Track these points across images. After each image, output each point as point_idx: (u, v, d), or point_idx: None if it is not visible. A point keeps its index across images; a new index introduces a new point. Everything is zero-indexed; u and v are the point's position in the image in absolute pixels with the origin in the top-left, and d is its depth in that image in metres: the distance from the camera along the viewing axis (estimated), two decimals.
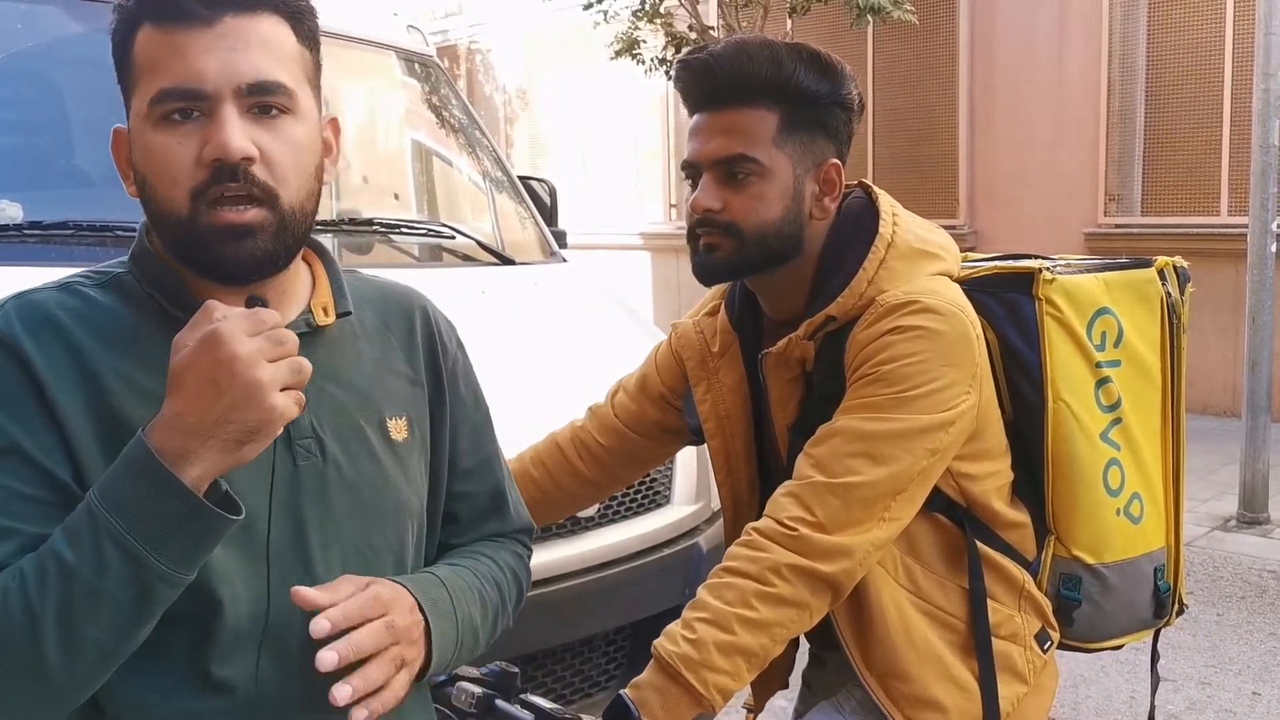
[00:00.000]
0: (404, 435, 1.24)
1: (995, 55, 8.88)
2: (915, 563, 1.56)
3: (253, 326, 0.99)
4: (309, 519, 1.15)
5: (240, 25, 1.08)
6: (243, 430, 0.98)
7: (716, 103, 1.53)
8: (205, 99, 1.06)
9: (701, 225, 1.54)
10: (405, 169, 4.25)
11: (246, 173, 1.06)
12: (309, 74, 1.15)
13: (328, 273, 1.24)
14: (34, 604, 0.96)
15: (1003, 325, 1.58)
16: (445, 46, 12.73)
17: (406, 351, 1.28)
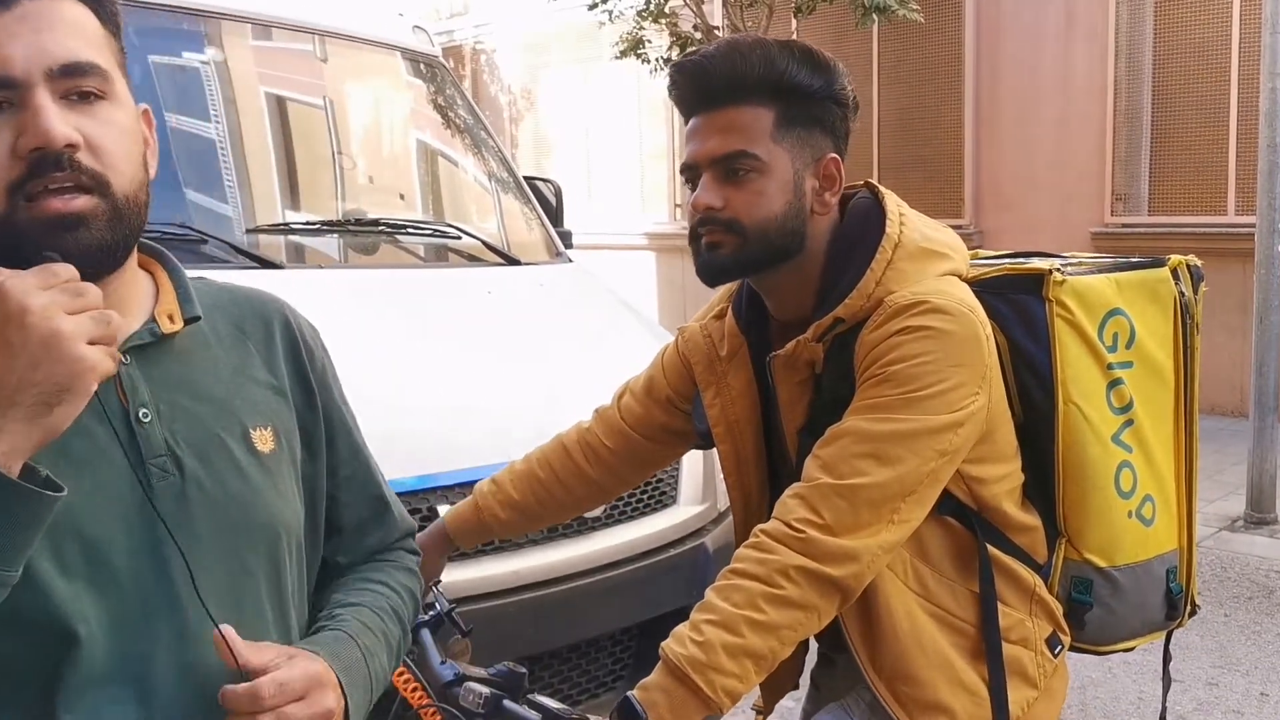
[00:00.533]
0: (270, 446, 1.15)
1: (1001, 54, 8.87)
2: (925, 566, 1.55)
3: (43, 281, 0.90)
4: (167, 546, 1.04)
5: (40, 8, 0.99)
6: (48, 390, 0.89)
7: (712, 103, 1.53)
8: (14, 87, 0.97)
9: (703, 224, 1.53)
10: (411, 169, 4.24)
11: (72, 160, 0.97)
12: (119, 60, 1.06)
13: (172, 279, 1.15)
14: None
15: (1012, 327, 1.57)
16: (450, 47, 12.74)
17: (266, 358, 1.21)
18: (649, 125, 11.49)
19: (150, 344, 1.09)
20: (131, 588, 1.03)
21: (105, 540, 1.02)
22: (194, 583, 1.04)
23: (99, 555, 1.01)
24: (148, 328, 1.10)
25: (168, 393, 1.09)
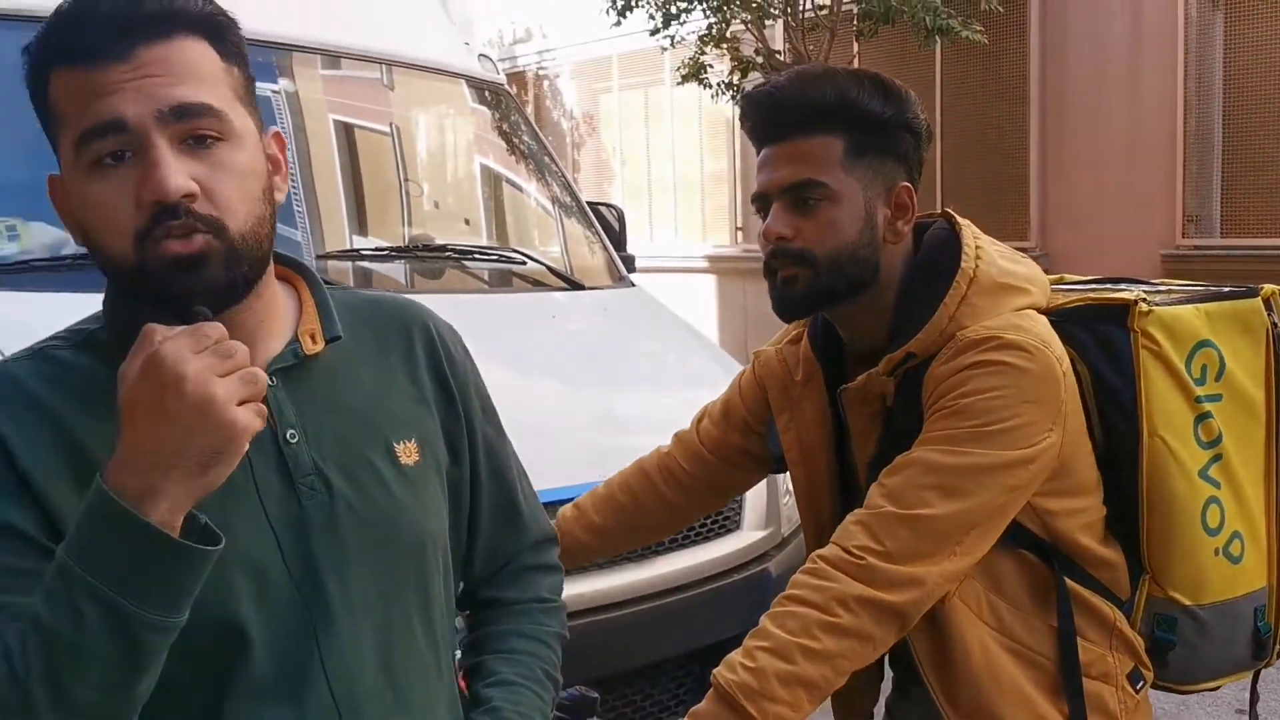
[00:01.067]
0: (415, 458, 1.17)
1: (1067, 74, 8.77)
2: (1001, 600, 1.52)
3: (196, 343, 0.93)
4: (322, 561, 1.09)
5: (155, 54, 1.00)
6: (205, 454, 0.92)
7: (782, 133, 1.53)
8: (129, 131, 0.99)
9: (776, 257, 1.53)
10: (475, 195, 4.30)
11: (188, 210, 1.00)
12: (239, 92, 1.07)
13: (315, 296, 1.18)
14: (19, 673, 0.92)
15: (1095, 358, 1.54)
16: (514, 72, 12.88)
17: (408, 369, 1.22)
18: (710, 149, 11.50)
19: (294, 365, 1.12)
20: (288, 605, 1.07)
21: (262, 559, 1.06)
22: (346, 598, 1.08)
23: (258, 574, 1.05)
24: (290, 349, 1.12)
25: (313, 412, 1.12)
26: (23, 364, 1.08)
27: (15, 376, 1.06)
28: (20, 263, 2.56)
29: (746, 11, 8.51)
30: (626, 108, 12.29)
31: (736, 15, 8.64)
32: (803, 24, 8.29)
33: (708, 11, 8.68)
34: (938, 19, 7.72)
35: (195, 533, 0.95)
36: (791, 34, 8.39)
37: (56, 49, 1.01)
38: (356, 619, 1.10)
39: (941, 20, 7.72)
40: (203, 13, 1.05)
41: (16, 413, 1.03)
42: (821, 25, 8.24)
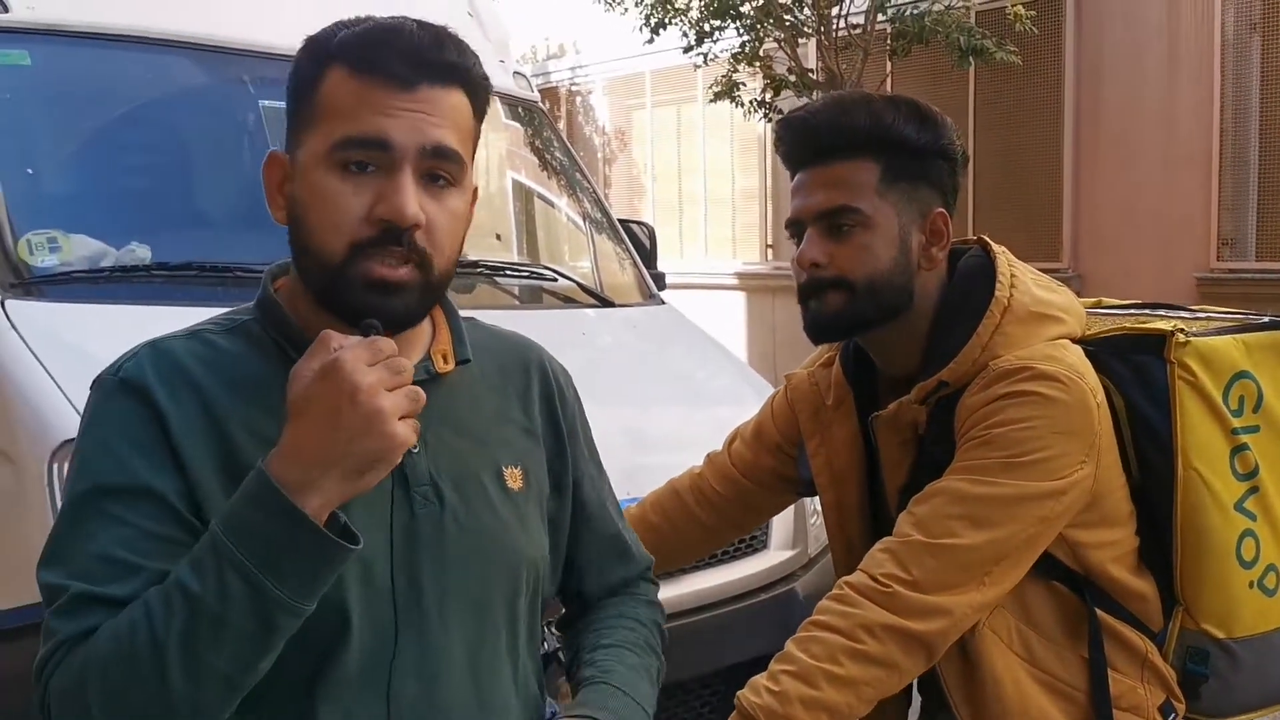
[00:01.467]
0: (519, 485, 1.24)
1: (1101, 95, 8.72)
2: (1031, 630, 1.51)
3: (372, 356, 1.00)
4: (424, 567, 1.15)
5: (434, 95, 1.11)
6: (364, 460, 0.99)
7: (817, 158, 1.53)
8: (389, 153, 1.08)
9: (810, 282, 1.53)
10: (507, 210, 4.33)
11: (410, 239, 1.09)
12: (472, 149, 1.18)
13: (449, 321, 1.26)
14: (159, 634, 0.98)
15: (1130, 389, 1.53)
16: (547, 88, 12.95)
17: (523, 401, 1.30)
18: (742, 166, 11.51)
19: (425, 380, 1.17)
20: (388, 601, 1.13)
21: (371, 556, 1.11)
22: (441, 605, 1.15)
23: (366, 568, 1.11)
24: (424, 366, 1.20)
25: (435, 427, 1.18)
26: (180, 342, 1.15)
27: (173, 353, 1.13)
28: (61, 274, 2.61)
29: (780, 30, 8.53)
30: (659, 124, 12.32)
31: (770, 34, 8.66)
32: (836, 43, 8.30)
33: (741, 30, 8.70)
34: (972, 40, 7.71)
35: (335, 530, 1.01)
36: (825, 53, 8.40)
37: (351, 53, 1.10)
38: (448, 625, 1.16)
39: (976, 41, 7.71)
40: (478, 75, 1.16)
41: (174, 388, 1.10)
42: (855, 44, 8.24)
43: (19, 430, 2.28)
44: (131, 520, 1.05)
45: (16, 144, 2.84)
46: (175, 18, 3.12)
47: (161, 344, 1.15)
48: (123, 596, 1.02)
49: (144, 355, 1.13)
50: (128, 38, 3.02)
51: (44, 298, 2.54)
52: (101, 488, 1.06)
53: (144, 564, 1.03)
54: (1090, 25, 8.75)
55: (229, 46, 3.16)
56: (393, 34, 1.11)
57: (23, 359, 2.34)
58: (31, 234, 2.63)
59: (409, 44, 1.10)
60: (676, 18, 8.91)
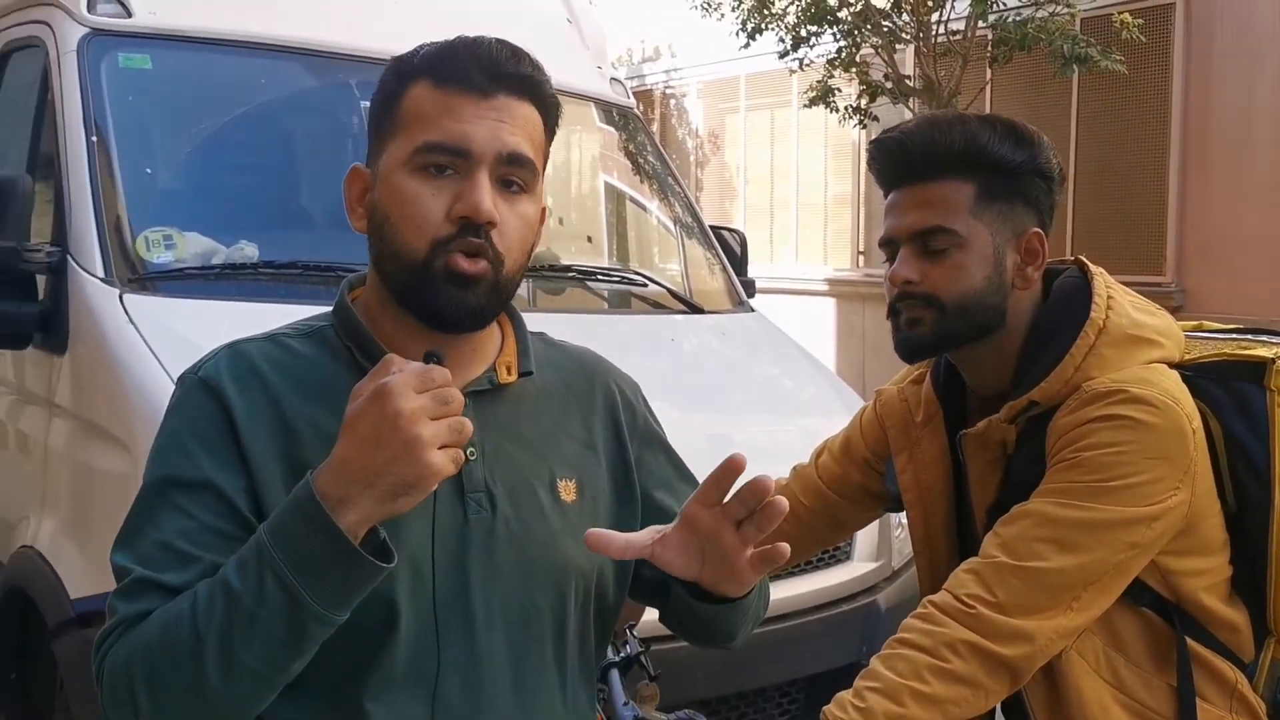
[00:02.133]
0: (573, 497, 1.26)
1: (1210, 106, 8.48)
2: (1119, 656, 1.49)
3: (421, 384, 1.02)
4: (474, 571, 1.18)
5: (510, 104, 1.17)
6: (399, 483, 1.02)
7: (911, 178, 1.53)
8: (468, 158, 1.14)
9: (901, 299, 1.54)
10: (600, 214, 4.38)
11: (487, 234, 1.14)
12: (542, 163, 1.23)
13: (515, 333, 1.29)
14: (200, 624, 1.03)
15: (1229, 416, 1.51)
16: (641, 91, 13.02)
17: (584, 415, 1.32)
18: (835, 172, 11.44)
19: (486, 390, 1.23)
20: (435, 601, 1.16)
21: (422, 556, 1.16)
22: (488, 610, 1.18)
23: (416, 567, 1.15)
24: (487, 376, 1.24)
25: (494, 436, 1.22)
26: (256, 344, 1.21)
27: (249, 355, 1.19)
28: (175, 270, 2.73)
29: (877, 36, 8.46)
30: (752, 128, 12.31)
31: (867, 40, 8.60)
32: (934, 50, 8.20)
33: (837, 35, 8.65)
34: (1076, 47, 7.55)
35: (373, 544, 1.05)
36: (923, 59, 8.31)
37: (433, 65, 1.18)
38: (494, 630, 1.18)
39: (1080, 49, 7.55)
40: (550, 93, 1.23)
41: (246, 388, 1.16)
42: (954, 51, 8.13)
43: (134, 419, 2.39)
44: (194, 513, 1.11)
45: (137, 144, 2.98)
46: (284, 23, 3.24)
47: (240, 346, 1.21)
48: (178, 584, 1.08)
49: (222, 356, 1.19)
50: (240, 42, 3.14)
51: (158, 293, 2.66)
52: (170, 479, 1.13)
53: (201, 555, 1.09)
54: (1200, 33, 8.51)
55: (335, 51, 3.26)
56: (473, 46, 1.17)
57: (138, 351, 2.45)
58: (149, 231, 2.75)
59: (488, 55, 1.16)
60: (773, 22, 8.90)
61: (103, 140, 2.82)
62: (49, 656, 2.59)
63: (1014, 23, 7.85)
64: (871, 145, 1.59)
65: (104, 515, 2.49)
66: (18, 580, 2.70)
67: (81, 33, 2.93)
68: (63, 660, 2.51)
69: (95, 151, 2.78)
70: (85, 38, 2.92)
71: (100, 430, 2.54)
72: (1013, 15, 7.91)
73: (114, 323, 2.53)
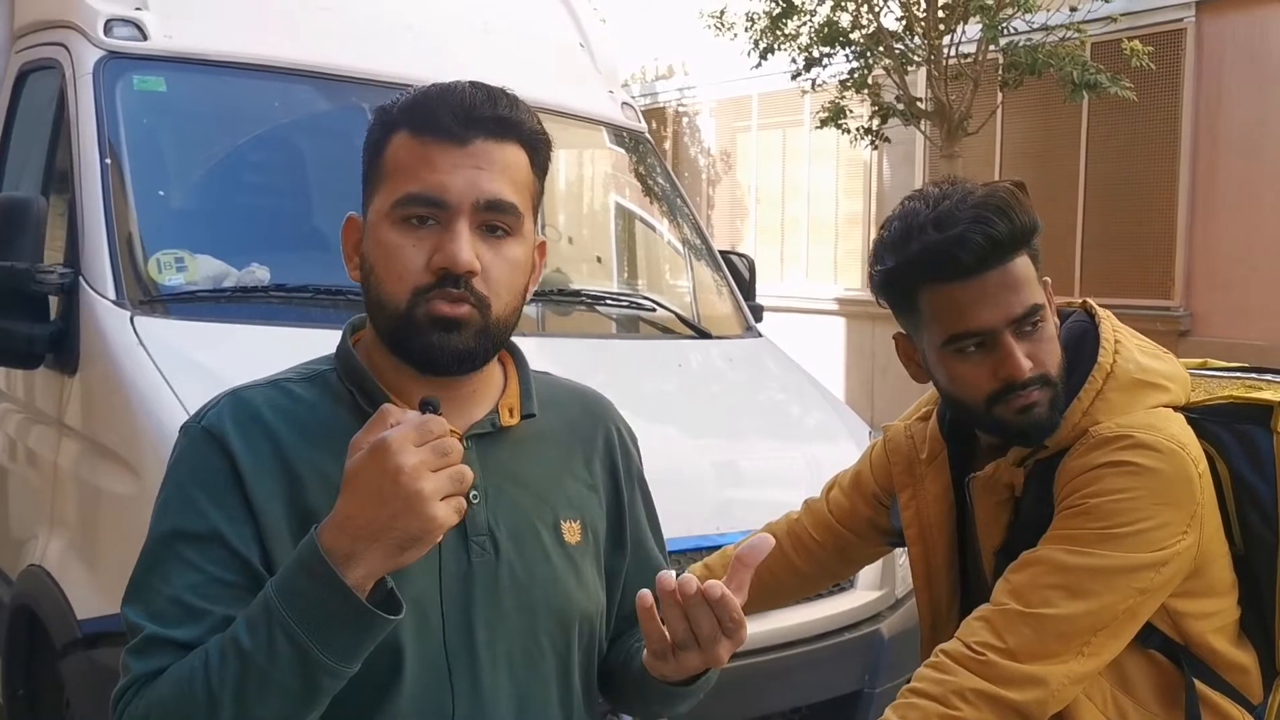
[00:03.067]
0: (577, 538, 1.27)
1: (1220, 132, 8.48)
2: (1127, 698, 1.50)
3: (420, 437, 1.02)
4: (478, 615, 1.19)
5: (489, 149, 1.17)
6: (404, 538, 1.02)
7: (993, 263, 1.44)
8: (446, 208, 1.15)
9: (1014, 389, 1.46)
10: (609, 239, 4.40)
11: (467, 283, 1.15)
12: (533, 201, 1.23)
13: (519, 374, 1.30)
14: (214, 684, 1.04)
15: (1235, 458, 1.51)
16: (653, 109, 13.06)
17: (586, 456, 1.33)
18: (846, 191, 11.46)
19: (490, 433, 1.24)
20: (438, 647, 1.17)
21: (428, 600, 1.17)
22: (492, 652, 1.19)
23: (423, 612, 1.16)
24: (489, 418, 1.24)
25: (496, 479, 1.23)
26: (259, 391, 1.22)
27: (252, 403, 1.20)
28: (186, 293, 2.75)
29: (889, 58, 8.48)
30: (764, 147, 12.34)
31: (879, 61, 8.62)
32: (946, 73, 8.22)
33: (850, 56, 8.68)
34: (1086, 74, 7.57)
35: (380, 594, 1.06)
36: (934, 82, 8.33)
37: (411, 117, 1.18)
38: (499, 673, 1.19)
39: (1090, 75, 7.56)
40: (534, 129, 1.21)
41: (250, 436, 1.17)
42: (965, 74, 8.15)
43: (143, 442, 2.41)
44: (202, 565, 1.12)
45: (150, 166, 3.01)
46: (298, 47, 3.28)
47: (242, 393, 1.22)
48: (190, 640, 1.09)
49: (225, 404, 1.20)
50: (254, 66, 3.17)
51: (170, 315, 2.68)
52: (178, 531, 1.14)
53: (211, 609, 1.10)
54: (1211, 60, 8.52)
55: (348, 75, 3.29)
56: (446, 93, 1.17)
57: (148, 373, 2.47)
58: (160, 253, 2.78)
59: (460, 102, 1.16)
60: (786, 43, 8.93)
61: (116, 162, 2.85)
62: (57, 675, 2.60)
63: (1024, 48, 7.87)
64: (939, 243, 1.44)
65: (111, 537, 2.51)
66: (26, 599, 2.72)
67: (98, 55, 2.96)
68: (70, 680, 2.52)
69: (109, 173, 2.81)
70: (101, 60, 2.96)
71: (109, 452, 2.56)
72: (1024, 40, 7.93)
73: (124, 345, 2.55)
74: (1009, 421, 1.48)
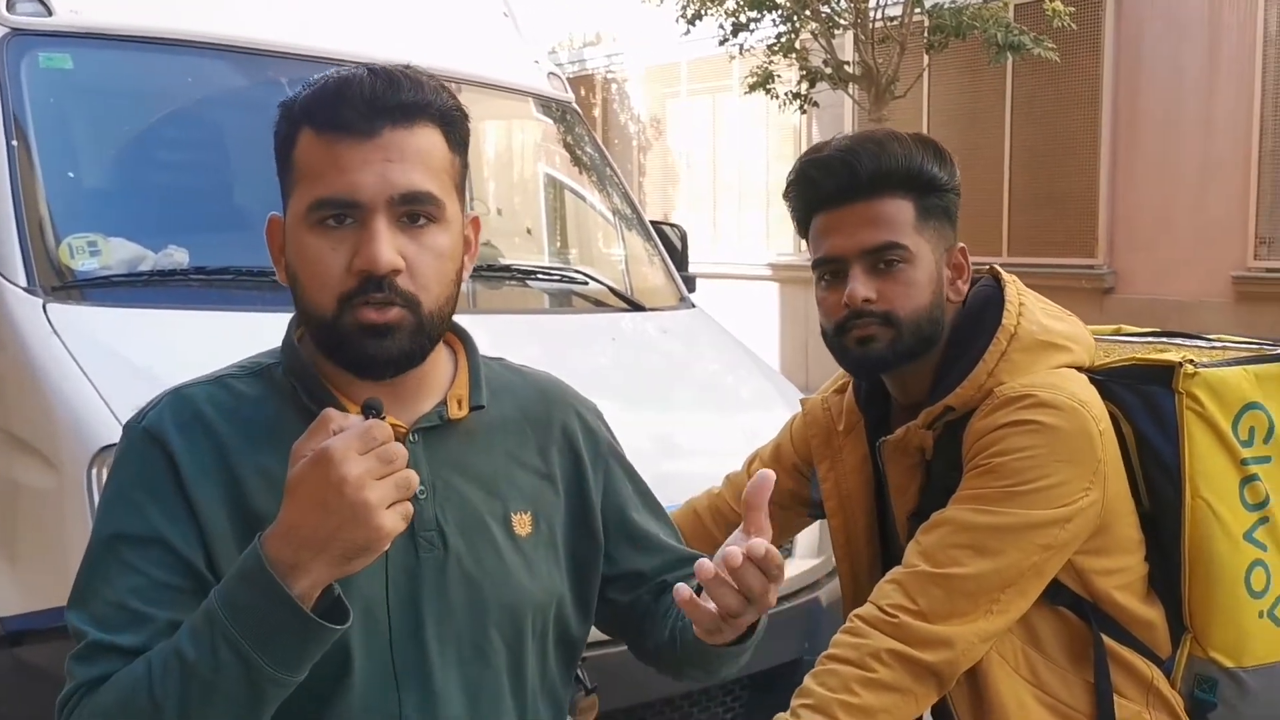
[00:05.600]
0: (528, 530, 1.25)
1: (1140, 92, 8.63)
2: (1037, 654, 1.53)
3: (364, 444, 1.00)
4: (426, 611, 1.17)
5: (398, 138, 1.12)
6: (350, 548, 1.01)
7: (855, 195, 1.53)
8: (360, 208, 1.11)
9: (855, 318, 1.53)
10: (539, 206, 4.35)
11: (391, 284, 1.11)
12: (456, 180, 1.18)
13: (469, 363, 1.26)
14: (157, 694, 1.03)
15: (1140, 418, 1.55)
16: (582, 76, 12.95)
17: (541, 445, 1.30)
18: (777, 156, 11.48)
19: (437, 426, 1.21)
20: (386, 645, 1.15)
21: (375, 599, 1.15)
22: (441, 649, 1.17)
23: (370, 611, 1.14)
24: (437, 411, 1.21)
25: (444, 472, 1.21)
26: (202, 389, 1.19)
27: (193, 400, 1.17)
28: (101, 277, 2.67)
29: (816, 22, 8.49)
30: (694, 113, 12.31)
31: (806, 25, 8.63)
32: (872, 36, 8.25)
33: (777, 21, 8.67)
34: (1009, 35, 7.65)
35: (327, 601, 1.04)
36: (861, 46, 8.36)
37: (313, 114, 1.13)
38: (449, 669, 1.18)
39: (1013, 37, 7.65)
40: (445, 106, 1.16)
41: (191, 436, 1.15)
42: (891, 38, 8.19)
43: (60, 435, 2.34)
44: (144, 569, 1.10)
45: (59, 147, 2.90)
46: (212, 21, 3.17)
47: (184, 391, 1.19)
48: (134, 645, 1.07)
49: (165, 404, 1.18)
50: (167, 40, 3.07)
51: (84, 301, 2.60)
52: (119, 534, 1.12)
53: (155, 614, 1.08)
54: (1130, 21, 8.65)
55: (266, 49, 3.20)
56: (345, 85, 1.12)
57: (63, 363, 2.40)
58: (72, 237, 2.68)
59: (361, 94, 1.11)
60: (713, 8, 8.89)
61: (24, 143, 2.75)
62: None
63: (949, 10, 7.93)
64: (806, 166, 1.58)
65: (30, 533, 2.44)
66: None
67: (1, 32, 2.85)
68: None
69: (15, 155, 2.70)
70: (4, 38, 2.84)
71: (25, 445, 2.48)
72: (948, 3, 7.98)
73: (38, 334, 2.46)
74: (849, 350, 1.55)
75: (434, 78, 1.18)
